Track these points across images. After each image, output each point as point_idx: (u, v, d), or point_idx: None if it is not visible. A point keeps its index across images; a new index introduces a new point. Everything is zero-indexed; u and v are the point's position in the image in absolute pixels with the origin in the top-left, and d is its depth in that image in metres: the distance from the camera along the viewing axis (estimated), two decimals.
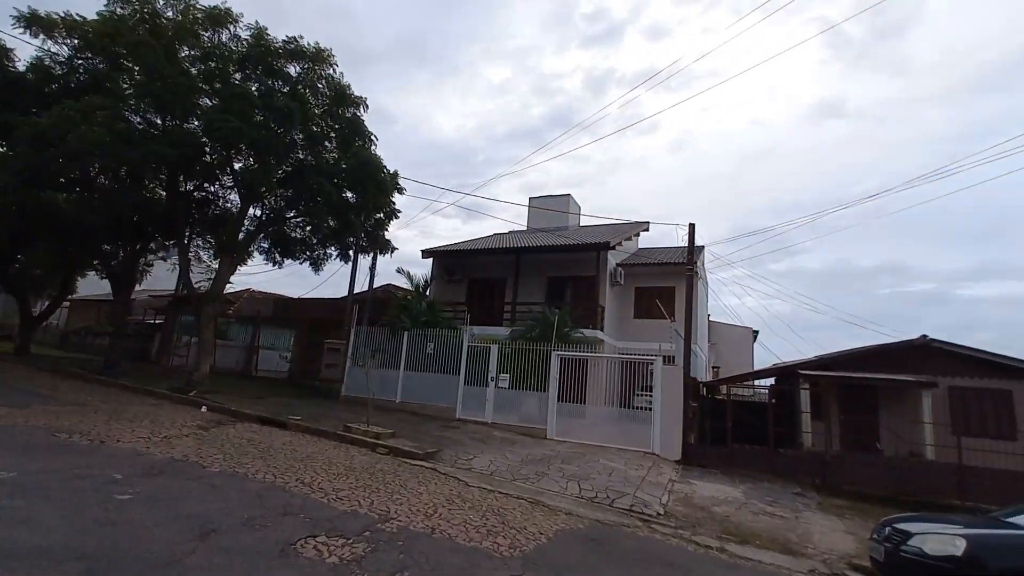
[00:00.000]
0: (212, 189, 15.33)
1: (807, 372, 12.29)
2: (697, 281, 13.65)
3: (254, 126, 11.10)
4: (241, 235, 14.17)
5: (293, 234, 16.47)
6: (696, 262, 12.10)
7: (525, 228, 22.65)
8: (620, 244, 16.47)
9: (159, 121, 12.37)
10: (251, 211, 14.49)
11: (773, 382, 14.76)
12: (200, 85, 11.87)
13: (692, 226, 11.28)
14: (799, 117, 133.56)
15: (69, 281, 18.81)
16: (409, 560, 3.87)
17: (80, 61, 12.15)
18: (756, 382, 16.24)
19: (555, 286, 17.97)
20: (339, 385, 15.40)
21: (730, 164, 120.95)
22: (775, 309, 48.91)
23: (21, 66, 13.04)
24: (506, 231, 24.88)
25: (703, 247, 17.70)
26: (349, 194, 13.78)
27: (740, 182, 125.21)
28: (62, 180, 13.57)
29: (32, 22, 11.74)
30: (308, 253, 16.75)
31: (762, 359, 26.38)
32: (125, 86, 12.25)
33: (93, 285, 23.14)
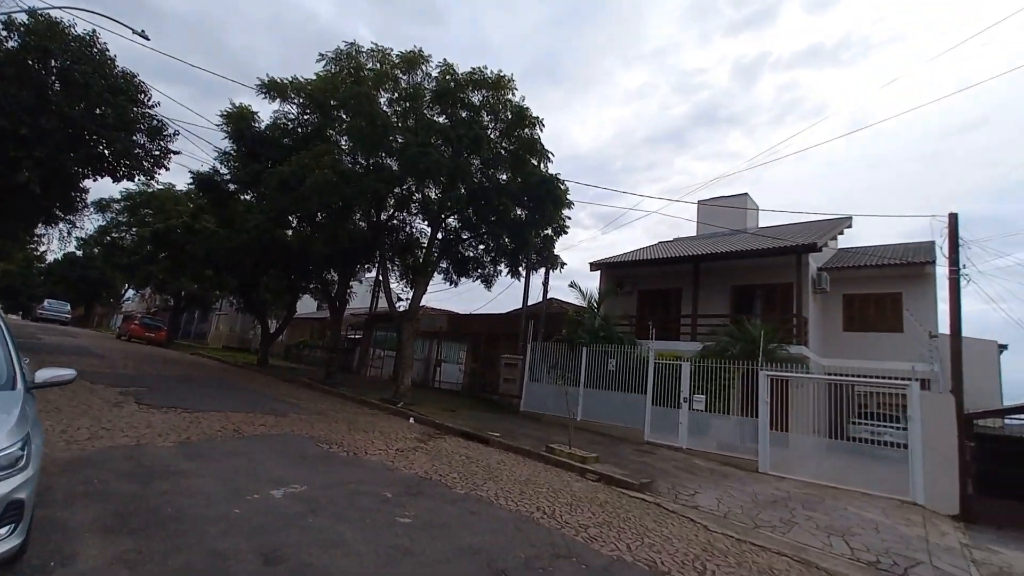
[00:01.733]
0: (401, 217, 16.86)
1: None
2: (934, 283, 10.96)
3: (445, 156, 11.82)
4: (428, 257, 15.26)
5: (467, 253, 17.35)
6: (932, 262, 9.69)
7: (694, 235, 20.97)
8: (827, 245, 14.13)
9: (363, 160, 13.92)
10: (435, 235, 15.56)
11: None
12: (396, 123, 13.07)
13: (954, 217, 8.99)
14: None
15: (293, 303, 22.31)
16: None
17: (306, 116, 14.26)
18: None
19: (741, 296, 16.13)
20: (517, 400, 15.62)
21: (926, 142, 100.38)
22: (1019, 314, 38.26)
23: (262, 125, 15.82)
24: (670, 239, 23.41)
25: (933, 243, 14.39)
26: (519, 211, 13.99)
27: (940, 161, 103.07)
28: (290, 218, 16.12)
29: (270, 88, 14.07)
30: (480, 271, 17.49)
31: (1014, 380, 20.58)
32: (336, 133, 14.08)
33: (302, 305, 27.34)
